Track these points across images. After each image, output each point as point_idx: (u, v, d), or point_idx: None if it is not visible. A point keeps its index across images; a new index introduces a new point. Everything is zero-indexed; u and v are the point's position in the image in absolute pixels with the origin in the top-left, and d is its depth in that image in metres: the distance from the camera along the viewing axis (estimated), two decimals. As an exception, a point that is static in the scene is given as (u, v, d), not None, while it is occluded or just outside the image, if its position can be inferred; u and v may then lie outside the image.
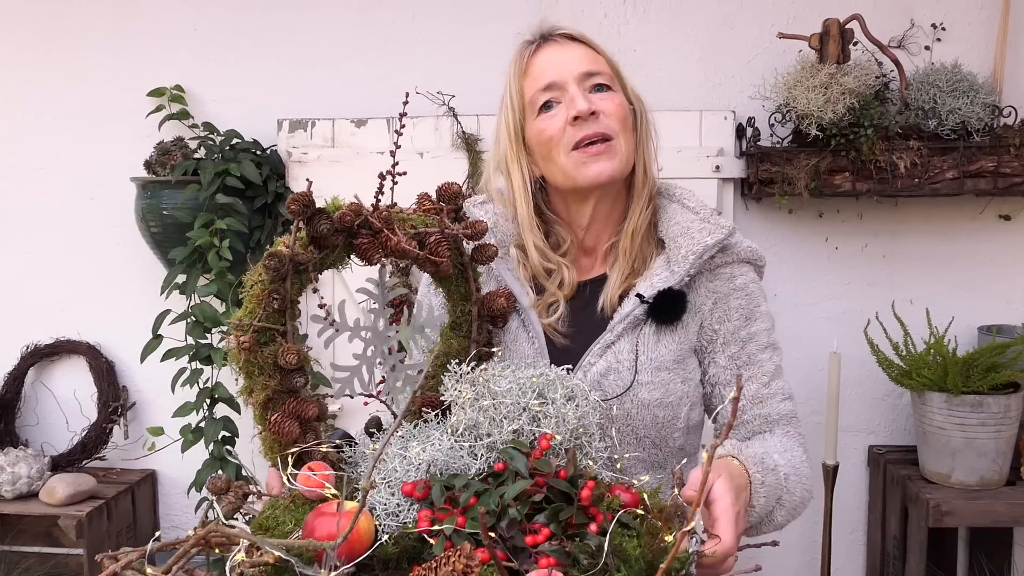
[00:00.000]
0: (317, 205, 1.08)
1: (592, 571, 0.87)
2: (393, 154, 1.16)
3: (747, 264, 1.39)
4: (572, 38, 1.37)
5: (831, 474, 2.24)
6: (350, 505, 0.94)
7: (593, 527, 0.93)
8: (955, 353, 2.14)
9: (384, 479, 1.02)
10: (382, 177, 1.11)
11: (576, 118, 1.29)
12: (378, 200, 1.12)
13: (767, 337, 1.38)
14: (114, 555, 0.81)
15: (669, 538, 0.92)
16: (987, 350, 2.10)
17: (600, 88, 1.34)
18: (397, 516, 0.99)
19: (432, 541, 0.93)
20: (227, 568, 0.86)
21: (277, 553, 0.84)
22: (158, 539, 0.85)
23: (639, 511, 0.96)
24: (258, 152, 2.47)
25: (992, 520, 2.14)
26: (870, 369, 2.32)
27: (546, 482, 0.97)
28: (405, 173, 1.13)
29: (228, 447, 2.37)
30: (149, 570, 0.82)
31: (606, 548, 0.88)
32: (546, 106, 1.33)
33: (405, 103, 1.23)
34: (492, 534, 0.91)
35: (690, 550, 0.93)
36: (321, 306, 1.15)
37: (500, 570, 0.83)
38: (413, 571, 0.86)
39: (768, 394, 1.36)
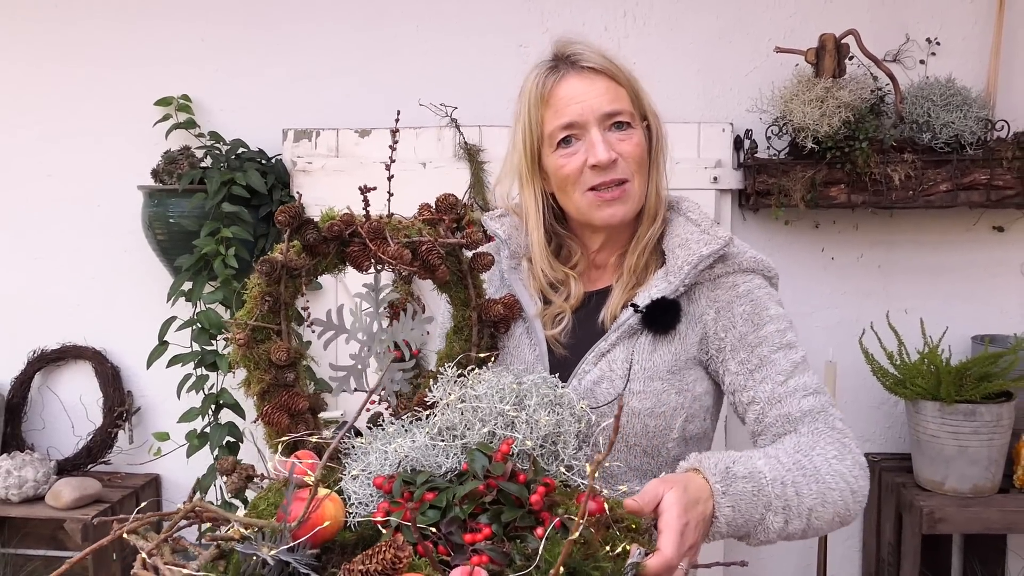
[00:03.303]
0: (308, 215, 1.17)
1: (523, 572, 0.90)
2: (388, 167, 1.21)
3: (752, 273, 1.39)
4: (595, 70, 1.34)
5: (826, 481, 2.27)
6: (324, 491, 1.00)
7: (540, 531, 0.95)
8: (948, 362, 2.17)
9: (364, 471, 1.08)
10: (363, 191, 1.17)
11: (595, 166, 1.32)
12: (367, 212, 1.18)
13: (780, 338, 1.34)
14: (123, 517, 0.88)
15: (606, 549, 0.94)
16: (980, 360, 2.14)
17: (620, 126, 1.34)
18: (367, 506, 1.04)
19: (384, 531, 0.98)
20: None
21: (242, 531, 0.91)
22: (143, 509, 0.94)
23: (574, 518, 0.97)
24: (263, 161, 2.51)
25: (985, 527, 2.17)
26: (865, 378, 2.35)
27: (497, 484, 1.00)
28: (375, 188, 1.18)
29: (231, 438, 2.41)
30: (150, 536, 0.92)
31: (540, 551, 0.90)
32: (565, 141, 1.35)
33: (397, 120, 1.29)
34: (433, 529, 0.95)
35: (628, 562, 0.94)
36: (304, 309, 1.22)
37: (432, 563, 0.86)
38: (354, 558, 0.90)
39: (785, 393, 1.31)
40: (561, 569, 0.83)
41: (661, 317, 1.34)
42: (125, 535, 0.89)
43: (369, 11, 2.56)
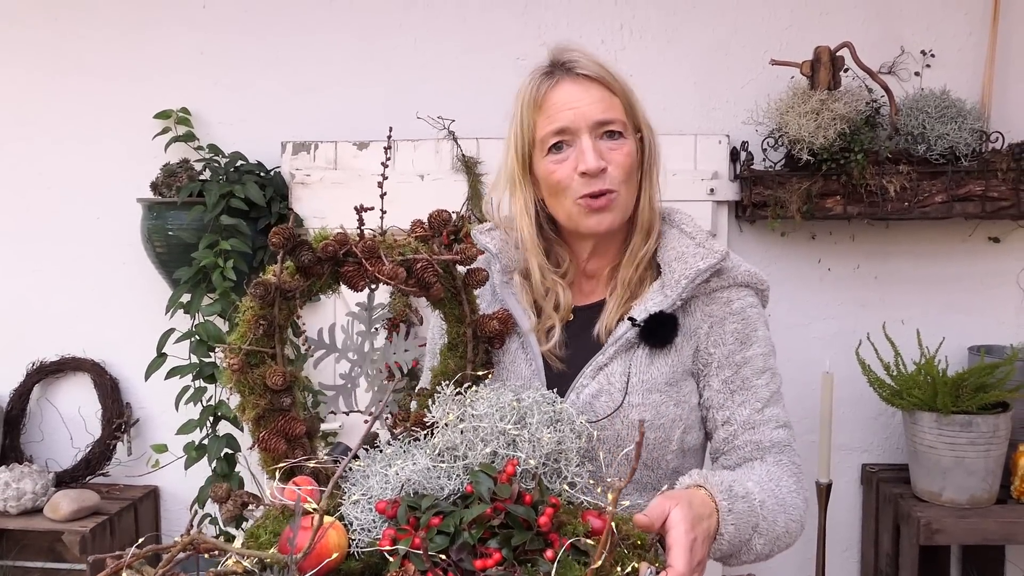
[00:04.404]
0: (302, 234, 1.15)
1: None
2: (380, 185, 1.21)
3: (746, 288, 1.40)
4: (590, 78, 1.35)
5: (824, 492, 2.27)
6: (328, 519, 0.99)
7: (549, 553, 0.95)
8: (945, 373, 2.17)
9: (365, 495, 1.06)
10: (358, 210, 1.17)
11: (584, 173, 1.32)
12: (361, 231, 1.17)
13: (763, 362, 1.37)
14: (118, 554, 0.87)
15: (619, 569, 0.94)
16: (976, 370, 2.14)
17: (612, 135, 1.34)
18: (370, 532, 1.02)
19: (392, 559, 0.96)
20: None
21: (245, 563, 0.90)
22: (142, 545, 0.91)
23: (591, 541, 0.97)
24: (262, 174, 2.52)
25: (982, 538, 2.16)
26: (862, 389, 2.35)
27: (504, 507, 0.99)
28: (372, 208, 1.18)
29: (229, 450, 2.40)
30: (145, 570, 0.90)
31: (553, 574, 0.90)
32: (556, 147, 1.35)
33: (389, 136, 1.28)
34: (443, 556, 0.94)
35: None
36: (299, 332, 1.21)
37: None
38: None
39: (761, 420, 1.35)
40: None
41: (659, 331, 1.34)
42: (121, 571, 0.88)
43: (367, 24, 2.57)
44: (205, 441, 2.45)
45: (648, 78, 2.45)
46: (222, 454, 2.42)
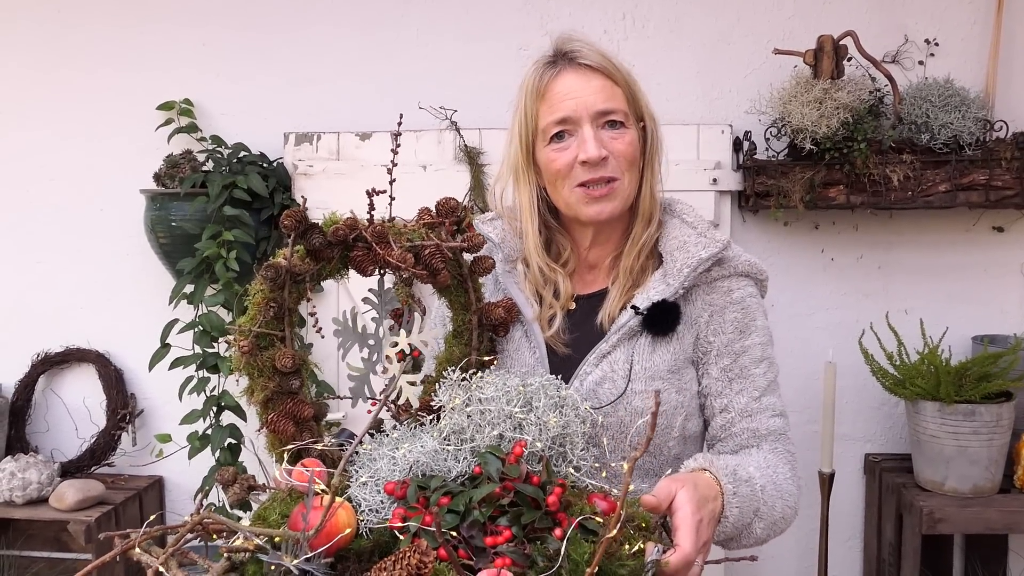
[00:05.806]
0: (312, 220, 1.16)
1: (547, 573, 0.91)
2: (390, 172, 1.21)
3: (746, 278, 1.42)
4: (592, 68, 1.36)
5: (827, 482, 2.27)
6: (338, 500, 1.00)
7: (558, 532, 0.97)
8: (948, 363, 2.17)
9: (372, 477, 1.08)
10: (369, 194, 1.17)
11: (585, 162, 1.33)
12: (371, 216, 1.18)
13: (761, 351, 1.39)
14: (125, 533, 0.88)
15: (626, 547, 0.95)
16: (979, 360, 2.14)
17: (613, 125, 1.36)
18: (379, 513, 1.04)
19: (402, 537, 0.98)
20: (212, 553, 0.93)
21: (256, 540, 0.91)
22: (153, 523, 0.92)
23: (599, 519, 0.99)
24: (265, 165, 2.52)
25: (985, 527, 2.17)
26: (865, 378, 2.36)
27: (514, 486, 1.01)
28: (384, 191, 1.19)
29: (232, 439, 2.41)
30: (153, 551, 0.91)
31: (562, 552, 0.92)
32: (558, 136, 1.36)
33: (399, 123, 1.29)
34: (454, 533, 0.96)
35: (648, 559, 0.95)
36: (311, 314, 1.22)
37: (456, 567, 0.87)
38: (375, 565, 0.91)
39: (758, 408, 1.37)
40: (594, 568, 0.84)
41: (661, 319, 1.36)
42: (131, 551, 0.88)
43: (369, 15, 2.57)
44: (208, 431, 2.45)
45: (651, 68, 2.45)
46: (225, 444, 2.43)
